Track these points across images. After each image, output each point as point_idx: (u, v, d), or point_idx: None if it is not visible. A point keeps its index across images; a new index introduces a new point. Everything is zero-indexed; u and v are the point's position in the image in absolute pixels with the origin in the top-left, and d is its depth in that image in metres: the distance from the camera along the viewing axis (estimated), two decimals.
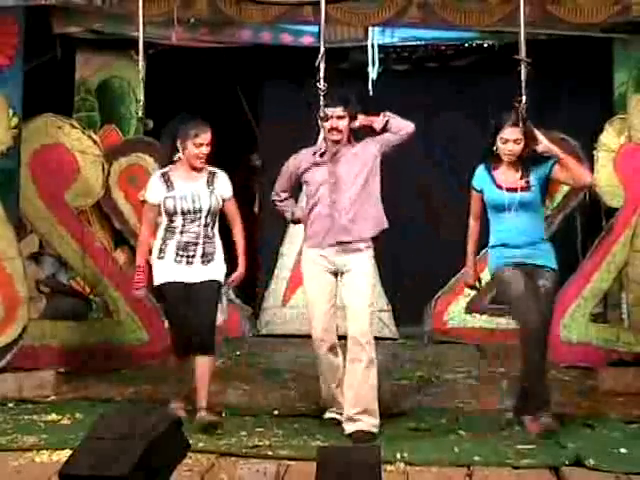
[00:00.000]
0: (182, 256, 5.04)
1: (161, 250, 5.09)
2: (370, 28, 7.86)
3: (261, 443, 4.54)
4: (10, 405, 5.41)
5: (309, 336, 7.71)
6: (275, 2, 6.57)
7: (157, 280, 5.10)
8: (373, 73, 8.07)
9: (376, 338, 7.47)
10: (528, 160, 4.91)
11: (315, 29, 7.20)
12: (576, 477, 4.09)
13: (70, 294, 7.12)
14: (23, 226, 6.56)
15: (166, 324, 5.45)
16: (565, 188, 7.39)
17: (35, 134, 6.53)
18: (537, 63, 6.35)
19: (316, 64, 6.22)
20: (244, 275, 5.26)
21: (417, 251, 8.20)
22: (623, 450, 4.42)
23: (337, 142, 4.96)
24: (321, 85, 6.29)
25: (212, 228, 5.12)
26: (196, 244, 5.05)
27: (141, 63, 6.52)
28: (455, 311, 7.68)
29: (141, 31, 6.39)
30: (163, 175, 5.14)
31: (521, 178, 4.88)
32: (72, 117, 7.42)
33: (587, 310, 6.57)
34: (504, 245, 4.91)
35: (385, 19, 6.70)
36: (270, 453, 4.37)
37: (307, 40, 7.94)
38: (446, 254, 6.14)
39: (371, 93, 8.08)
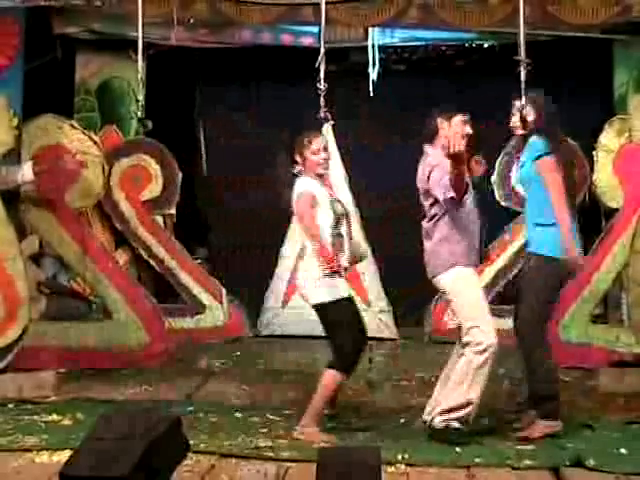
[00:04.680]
0: (346, 268, 4.82)
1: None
2: (370, 29, 7.88)
3: (261, 444, 4.53)
4: (10, 406, 5.40)
5: (309, 337, 7.79)
6: (275, 3, 6.58)
7: (332, 296, 4.73)
8: (373, 74, 8.08)
9: (376, 338, 7.55)
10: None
11: (315, 29, 7.22)
12: (576, 478, 4.09)
13: (70, 295, 7.12)
14: (23, 227, 6.56)
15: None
16: None
17: (35, 135, 6.53)
18: (537, 64, 6.36)
19: (316, 65, 6.23)
20: None
21: (418, 252, 8.19)
22: (623, 451, 4.41)
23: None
24: (321, 85, 6.30)
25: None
26: (338, 257, 4.78)
27: (140, 64, 6.53)
28: None
29: (140, 31, 6.40)
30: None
31: None
32: (72, 118, 7.42)
33: (587, 311, 6.57)
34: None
35: (385, 20, 6.70)
36: (271, 454, 4.37)
37: (307, 41, 7.95)
38: None
39: (371, 93, 8.09)
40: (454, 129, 4.79)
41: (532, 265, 4.82)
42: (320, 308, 4.78)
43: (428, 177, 4.75)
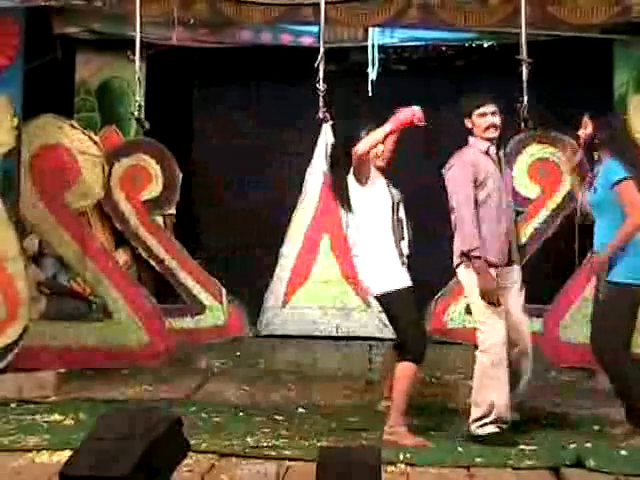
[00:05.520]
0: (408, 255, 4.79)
1: (401, 255, 4.75)
2: (370, 28, 7.88)
3: (262, 444, 4.53)
4: (13, 405, 5.40)
5: (309, 337, 7.80)
6: (275, 3, 6.57)
7: (394, 285, 4.67)
8: (373, 73, 8.08)
9: (376, 338, 7.56)
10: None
11: (315, 29, 7.22)
12: (576, 478, 4.09)
13: (70, 295, 7.12)
14: (22, 227, 6.56)
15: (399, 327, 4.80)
16: (564, 189, 7.40)
17: (35, 135, 6.53)
18: (537, 64, 6.36)
19: (316, 65, 6.23)
20: None
21: (417, 251, 8.19)
22: (623, 452, 4.41)
23: (493, 140, 4.78)
24: (321, 86, 6.30)
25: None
26: (400, 244, 4.78)
27: (137, 64, 6.54)
28: (455, 311, 7.67)
29: (138, 31, 6.41)
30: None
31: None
32: (72, 118, 7.42)
33: (587, 311, 6.55)
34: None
35: (385, 20, 6.70)
36: (272, 453, 4.36)
37: (307, 40, 7.95)
38: (446, 254, 6.14)
39: (370, 93, 8.09)
40: (477, 125, 4.79)
41: (606, 294, 4.68)
42: (382, 298, 4.74)
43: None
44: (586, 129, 4.80)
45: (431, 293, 7.79)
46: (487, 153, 4.80)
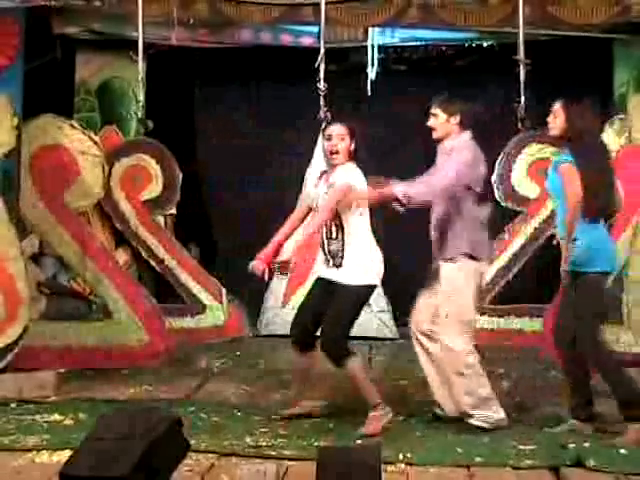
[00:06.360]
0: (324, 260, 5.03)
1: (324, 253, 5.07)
2: (370, 29, 7.88)
3: (262, 443, 4.54)
4: (12, 406, 5.40)
5: None
6: (275, 3, 6.58)
7: None
8: (372, 73, 8.08)
9: (376, 338, 7.56)
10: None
11: (315, 29, 7.22)
12: (576, 478, 4.09)
13: (70, 295, 7.12)
14: (22, 227, 6.56)
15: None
16: None
17: (35, 135, 6.53)
18: (537, 63, 6.36)
19: (316, 65, 6.24)
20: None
21: (417, 251, 8.18)
22: (623, 451, 4.41)
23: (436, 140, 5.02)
24: (321, 85, 6.31)
25: (334, 226, 4.90)
26: (322, 245, 4.99)
27: (140, 64, 6.55)
28: None
29: (141, 31, 6.42)
30: (322, 172, 5.17)
31: None
32: (72, 118, 7.43)
33: None
34: None
35: (385, 20, 6.71)
36: (272, 453, 4.37)
37: (307, 41, 7.95)
38: None
39: (370, 93, 8.10)
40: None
41: (578, 285, 4.69)
42: None
43: None
44: (556, 118, 4.76)
45: None
46: None
